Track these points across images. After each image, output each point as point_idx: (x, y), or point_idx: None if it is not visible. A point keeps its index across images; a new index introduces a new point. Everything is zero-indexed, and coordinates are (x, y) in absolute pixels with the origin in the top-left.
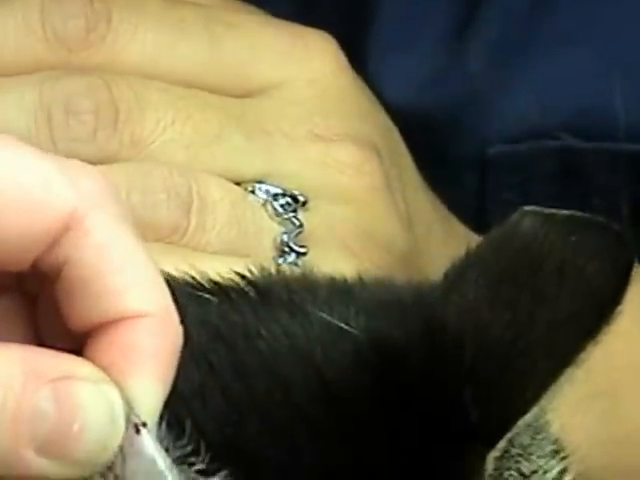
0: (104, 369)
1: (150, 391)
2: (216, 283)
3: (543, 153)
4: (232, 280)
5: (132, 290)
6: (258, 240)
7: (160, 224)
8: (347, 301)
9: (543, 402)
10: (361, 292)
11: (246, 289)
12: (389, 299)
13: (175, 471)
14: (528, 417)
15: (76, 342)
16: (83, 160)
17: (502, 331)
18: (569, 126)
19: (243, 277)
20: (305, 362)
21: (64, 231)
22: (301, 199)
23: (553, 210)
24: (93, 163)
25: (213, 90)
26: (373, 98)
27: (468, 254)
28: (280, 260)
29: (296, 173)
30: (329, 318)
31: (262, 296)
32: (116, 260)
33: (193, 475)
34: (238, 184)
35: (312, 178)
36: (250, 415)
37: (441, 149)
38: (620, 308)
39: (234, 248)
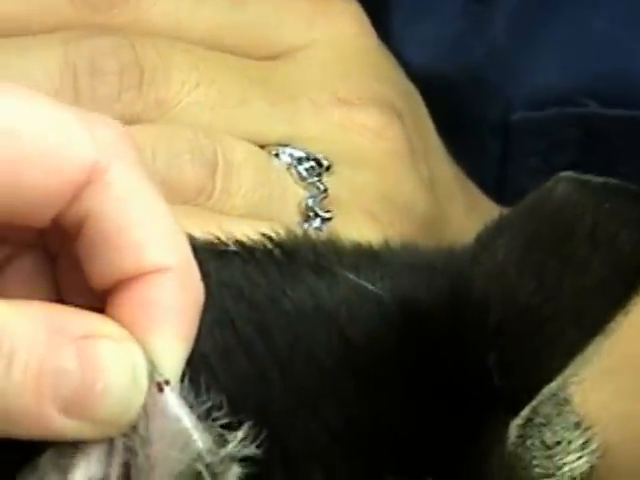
0: (126, 327)
1: (172, 349)
2: (241, 243)
3: (566, 119)
4: (258, 241)
5: (152, 243)
6: (283, 204)
7: (185, 186)
8: (374, 264)
9: (569, 372)
10: (388, 256)
11: (272, 249)
12: (416, 262)
13: (200, 428)
14: (553, 386)
15: (97, 300)
16: None
17: (529, 296)
18: (592, 92)
19: (270, 238)
20: (329, 321)
21: (85, 184)
22: (325, 163)
23: (588, 176)
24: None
25: (236, 53)
26: (395, 63)
27: (501, 218)
28: (305, 225)
29: (319, 137)
30: (355, 279)
31: (288, 256)
32: (137, 213)
33: (219, 430)
34: (262, 148)
35: (335, 142)
36: (273, 374)
37: (463, 115)
38: None
39: (259, 211)
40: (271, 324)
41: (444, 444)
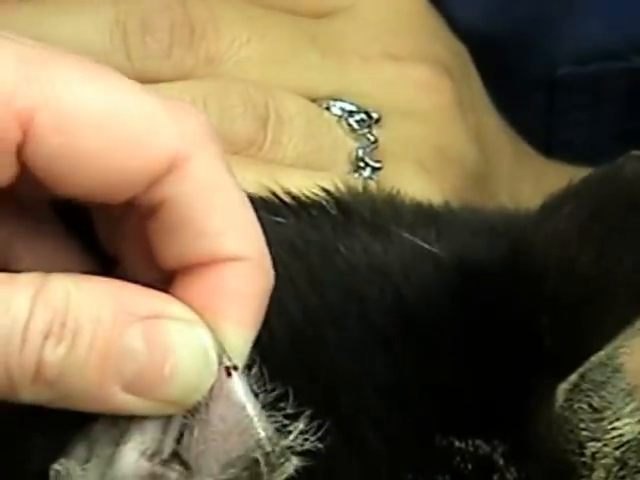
0: (195, 309)
1: (242, 335)
2: (296, 199)
3: (611, 74)
4: (314, 196)
5: (231, 233)
6: (333, 155)
7: (237, 137)
8: (432, 224)
9: (618, 342)
10: (448, 216)
11: (327, 206)
12: (476, 224)
13: (264, 417)
14: (602, 354)
15: (162, 280)
16: (159, 76)
17: (587, 266)
18: (637, 47)
19: (329, 193)
20: (384, 279)
21: (167, 170)
22: (375, 116)
23: None
24: (169, 80)
25: (286, 10)
26: (442, 21)
27: (568, 187)
28: (355, 175)
29: (369, 92)
30: (411, 238)
31: (344, 213)
32: (218, 202)
33: (282, 420)
34: (313, 102)
35: (385, 96)
36: (326, 330)
37: (510, 71)
38: None
39: (310, 162)
40: (324, 280)
41: (493, 405)
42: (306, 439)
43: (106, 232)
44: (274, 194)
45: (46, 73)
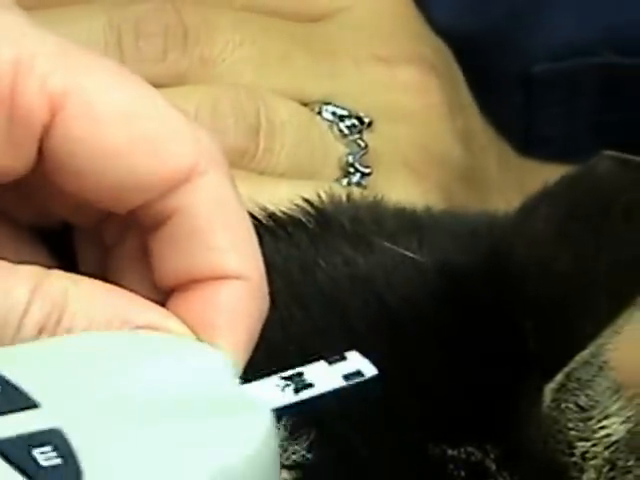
0: (191, 325)
1: (236, 354)
2: (273, 216)
3: (585, 69)
4: (294, 209)
5: (236, 251)
6: (324, 161)
7: (229, 149)
8: (414, 230)
9: (602, 340)
10: (429, 221)
11: (305, 220)
12: (457, 228)
13: None
14: (586, 353)
15: (157, 294)
16: (153, 80)
17: (566, 266)
18: (610, 42)
19: (310, 203)
20: (366, 289)
21: (184, 180)
22: (366, 120)
23: (630, 156)
24: (163, 84)
25: (276, 15)
26: (423, 21)
27: (543, 189)
28: (344, 180)
29: (360, 93)
30: (392, 247)
31: (323, 226)
32: (226, 219)
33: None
34: (305, 105)
35: (375, 98)
36: (309, 342)
37: (486, 69)
38: None
39: (301, 168)
40: (306, 295)
41: (483, 410)
42: (294, 452)
43: (91, 259)
44: (250, 214)
45: (81, 65)
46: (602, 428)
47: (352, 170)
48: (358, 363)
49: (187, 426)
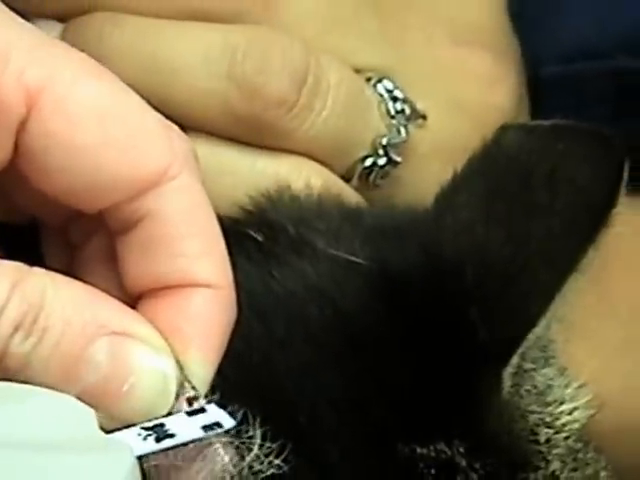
0: (163, 333)
1: (206, 364)
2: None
3: (598, 73)
4: (242, 219)
5: (207, 259)
6: (360, 135)
7: (269, 94)
8: (355, 231)
9: (550, 313)
10: (368, 220)
11: (253, 233)
12: (390, 226)
13: (225, 441)
14: (538, 330)
15: (124, 296)
16: (215, 15)
17: (500, 248)
18: (624, 46)
19: (257, 207)
20: (320, 297)
21: (156, 183)
22: (421, 113)
23: (535, 122)
24: (220, 19)
25: None
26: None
27: (454, 176)
28: (369, 160)
29: (423, 73)
30: (336, 252)
31: (269, 237)
32: (197, 225)
33: (244, 442)
34: (360, 72)
35: (438, 83)
36: (273, 354)
37: None
38: (615, 210)
39: (334, 137)
40: (265, 306)
41: (447, 406)
42: (270, 462)
43: (57, 255)
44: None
45: (57, 61)
46: (562, 413)
47: (382, 153)
48: (217, 415)
49: (50, 464)
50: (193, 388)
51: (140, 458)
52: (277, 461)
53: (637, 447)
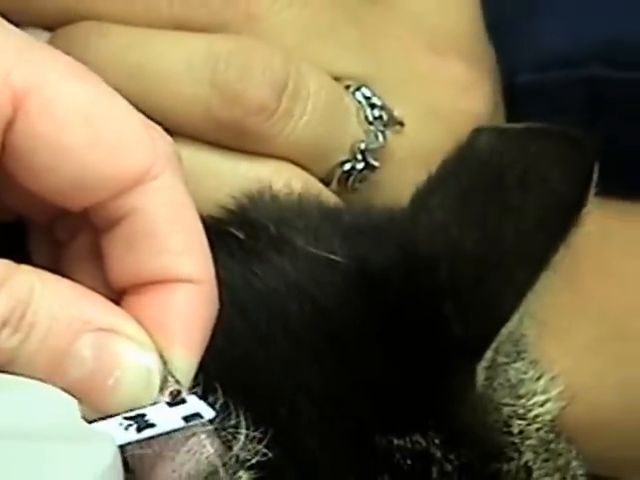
0: (147, 328)
1: (189, 358)
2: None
3: (572, 82)
4: (224, 218)
5: (190, 254)
6: (339, 140)
7: (250, 100)
8: (334, 230)
9: (523, 308)
10: (348, 218)
11: (235, 231)
12: (368, 226)
13: (210, 432)
14: (510, 325)
15: (108, 292)
16: (199, 25)
17: (473, 246)
18: (599, 55)
19: (239, 207)
20: (300, 294)
21: (139, 181)
22: (398, 119)
23: (507, 125)
24: (204, 29)
25: None
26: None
27: (429, 178)
28: (348, 165)
29: (400, 81)
30: (315, 251)
31: (251, 235)
32: (180, 222)
33: (228, 433)
34: (339, 80)
35: (415, 90)
36: (253, 349)
37: None
38: (586, 210)
39: (314, 142)
40: (247, 303)
41: (423, 398)
42: (256, 452)
43: (44, 252)
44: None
45: (43, 63)
46: (534, 405)
47: (360, 158)
48: (197, 406)
49: (32, 453)
50: (177, 382)
51: (122, 447)
52: (262, 448)
53: (611, 442)
